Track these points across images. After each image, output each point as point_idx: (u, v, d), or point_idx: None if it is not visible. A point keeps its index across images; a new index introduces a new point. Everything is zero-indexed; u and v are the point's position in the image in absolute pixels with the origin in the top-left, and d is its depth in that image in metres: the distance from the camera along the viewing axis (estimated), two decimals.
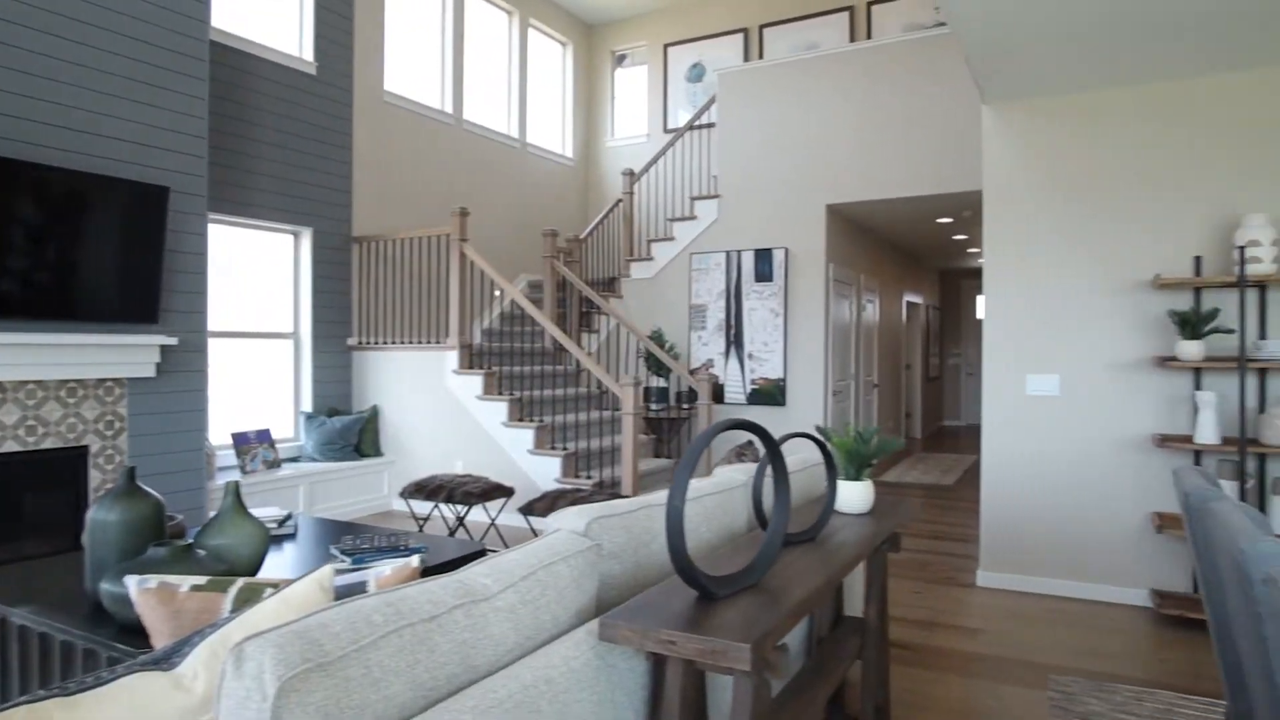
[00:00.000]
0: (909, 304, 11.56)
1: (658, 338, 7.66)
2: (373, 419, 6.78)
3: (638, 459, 5.77)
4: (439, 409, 6.55)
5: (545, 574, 1.57)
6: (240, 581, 1.81)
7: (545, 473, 6.07)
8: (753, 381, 7.54)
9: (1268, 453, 3.91)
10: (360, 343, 6.97)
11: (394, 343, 6.89)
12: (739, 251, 7.57)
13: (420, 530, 5.52)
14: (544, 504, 4.70)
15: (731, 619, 1.46)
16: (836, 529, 2.24)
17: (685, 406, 7.42)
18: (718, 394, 7.67)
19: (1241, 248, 3.79)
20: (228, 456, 5.95)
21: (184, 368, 4.88)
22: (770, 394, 7.46)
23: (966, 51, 3.80)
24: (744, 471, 2.55)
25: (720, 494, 2.26)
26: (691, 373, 7.65)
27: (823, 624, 2.53)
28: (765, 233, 7.43)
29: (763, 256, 7.48)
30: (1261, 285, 3.97)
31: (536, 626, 1.50)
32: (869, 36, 8.75)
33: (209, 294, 5.53)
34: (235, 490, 2.74)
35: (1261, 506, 4.00)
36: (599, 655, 1.52)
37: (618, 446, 6.76)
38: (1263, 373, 4.00)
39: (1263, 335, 4.01)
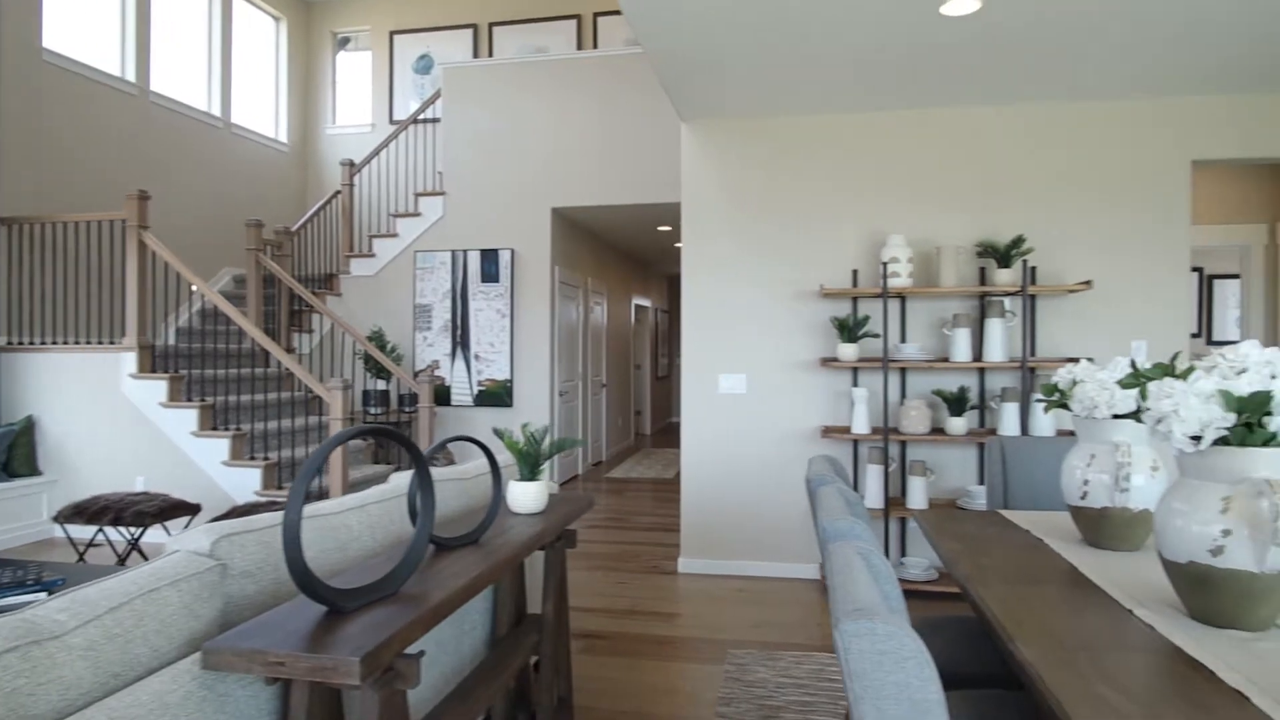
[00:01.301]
0: (638, 307, 12.11)
1: (377, 339, 7.34)
2: (26, 432, 5.81)
3: (347, 467, 5.48)
4: (115, 419, 5.78)
5: (144, 602, 1.41)
6: None
7: (244, 485, 5.57)
8: (480, 383, 7.48)
9: (907, 440, 4.56)
10: (10, 343, 5.95)
11: (56, 343, 5.97)
12: (465, 251, 7.47)
13: (81, 560, 4.81)
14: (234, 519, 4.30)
15: (350, 633, 1.41)
16: (505, 530, 2.26)
17: (407, 410, 7.18)
18: (444, 396, 7.51)
19: (885, 263, 4.39)
20: None
21: None
22: (498, 395, 7.44)
23: (657, 71, 4.04)
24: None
25: (386, 502, 2.19)
26: (416, 375, 7.42)
27: (503, 623, 2.55)
28: (492, 233, 7.40)
29: (489, 257, 7.44)
30: (902, 296, 4.63)
31: (127, 663, 1.35)
32: (595, 46, 9.03)
33: None
34: None
35: (903, 486, 4.66)
36: (206, 685, 1.39)
37: None
38: (903, 371, 4.67)
39: (903, 339, 4.67)
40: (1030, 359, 4.40)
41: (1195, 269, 8.10)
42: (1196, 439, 1.61)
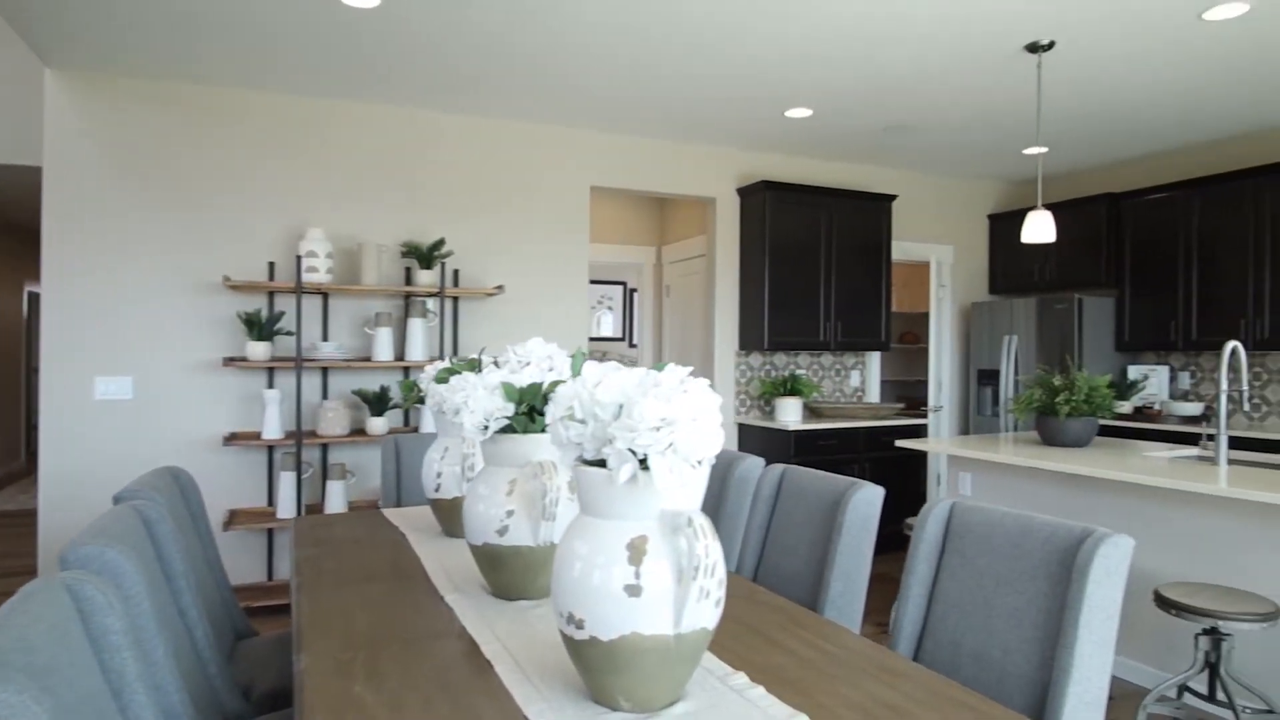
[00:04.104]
0: (34, 295, 9.83)
1: None
2: None
3: None
4: None
5: None
6: None
7: None
8: None
9: (328, 442, 4.37)
10: None
11: None
12: None
13: None
14: None
15: None
16: None
17: None
18: None
19: (300, 257, 4.14)
20: None
21: None
22: None
23: None
24: None
25: None
26: None
27: None
28: None
29: None
30: (325, 293, 4.43)
31: None
32: None
33: None
34: None
35: (324, 490, 4.46)
36: None
37: None
38: (325, 371, 4.47)
39: (325, 337, 4.47)
40: (453, 358, 4.58)
41: (619, 282, 9.52)
42: (488, 428, 1.71)
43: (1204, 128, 4.95)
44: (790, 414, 5.27)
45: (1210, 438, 4.57)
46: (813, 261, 5.42)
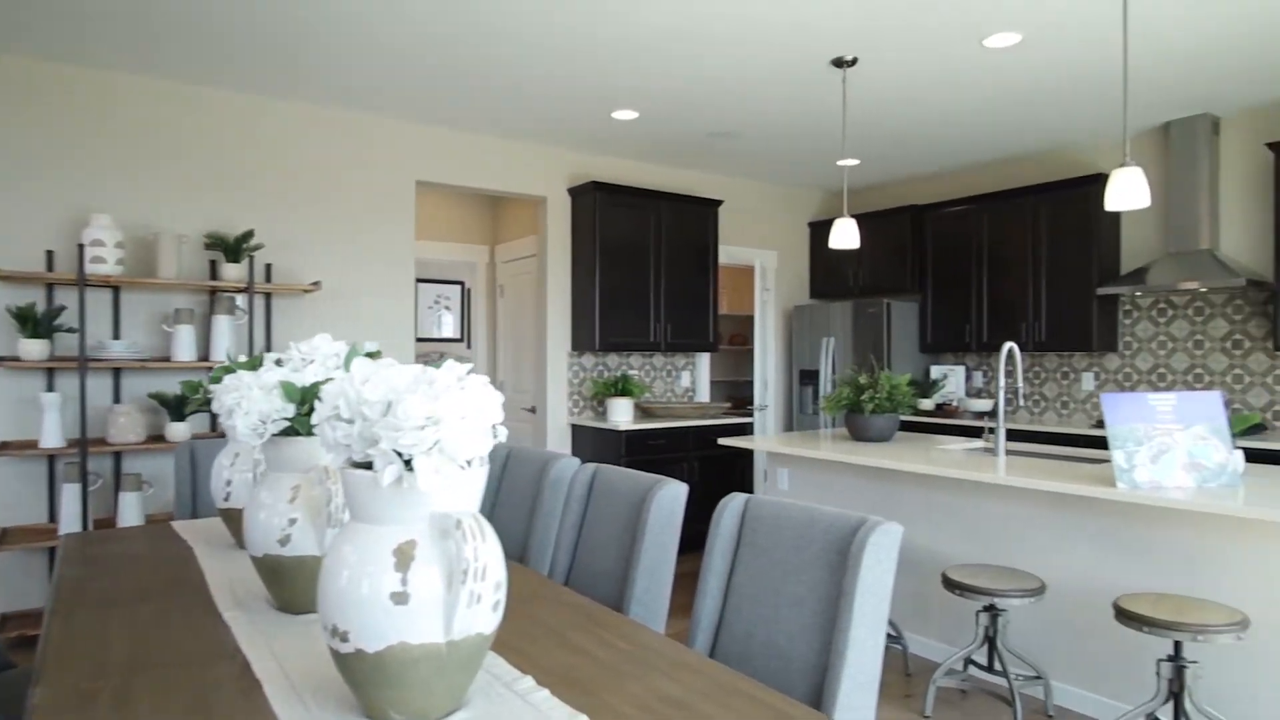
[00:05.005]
0: None
1: None
2: None
3: None
4: None
5: None
6: None
7: None
8: None
9: (121, 450, 3.98)
10: None
11: None
12: None
13: None
14: None
15: None
16: None
17: None
18: None
19: (83, 245, 3.74)
20: None
21: None
22: None
23: None
24: None
25: None
26: None
27: None
28: None
29: None
30: (115, 286, 4.03)
31: None
32: None
33: None
34: None
35: (116, 503, 4.06)
36: None
37: None
38: (117, 372, 4.07)
39: (116, 335, 4.07)
40: (237, 358, 4.28)
41: (457, 282, 9.27)
42: (264, 431, 1.60)
43: (992, 147, 5.44)
44: (622, 414, 5.33)
45: (992, 431, 5.03)
46: (643, 263, 5.51)
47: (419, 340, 9.03)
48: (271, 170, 4.48)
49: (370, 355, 1.72)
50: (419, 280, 9.03)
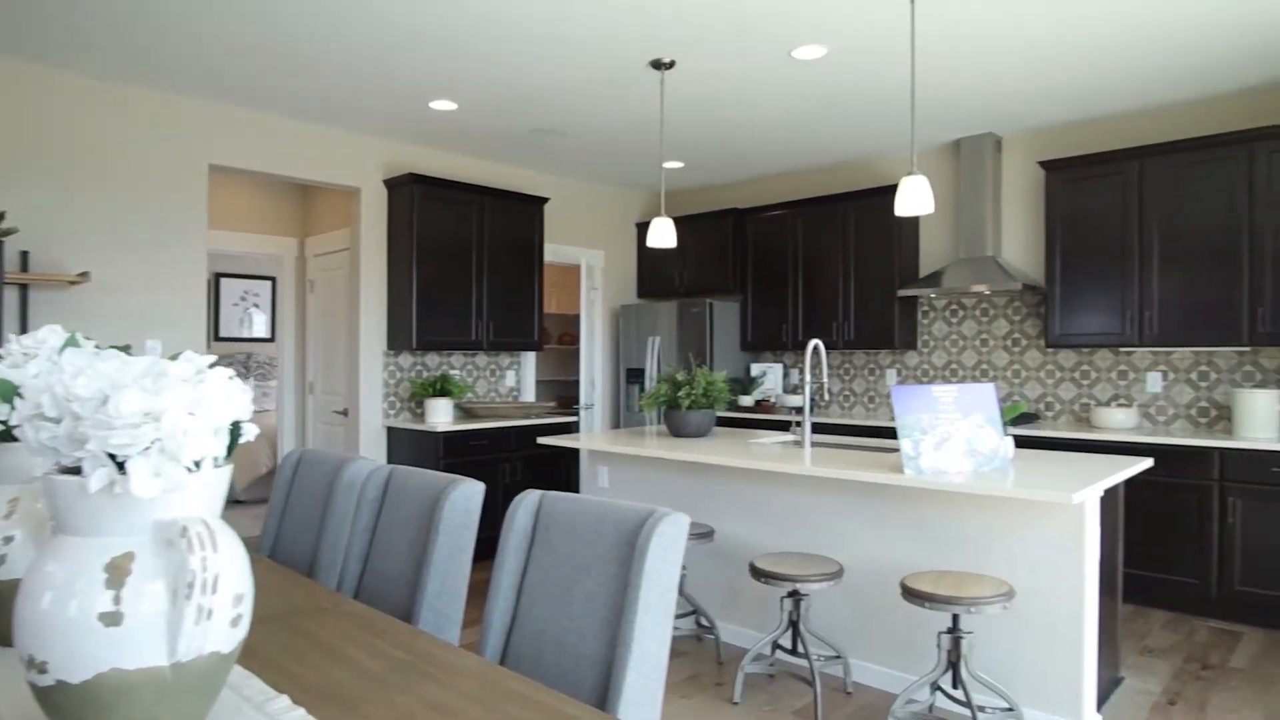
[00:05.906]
0: None
1: None
2: None
3: None
4: None
5: None
6: None
7: None
8: None
9: None
10: None
11: None
12: None
13: None
14: None
15: None
16: None
17: None
18: None
19: None
20: None
21: None
22: None
23: None
24: None
25: None
26: None
27: None
28: None
29: None
30: None
31: None
32: None
33: None
34: None
35: None
36: None
37: None
38: None
39: None
40: None
41: (269, 278, 8.63)
42: None
43: (806, 155, 5.72)
44: (441, 415, 5.15)
45: (799, 425, 5.29)
46: (464, 260, 5.35)
47: (221, 340, 8.36)
48: (32, 146, 3.96)
49: (121, 349, 1.52)
50: (222, 275, 8.36)
